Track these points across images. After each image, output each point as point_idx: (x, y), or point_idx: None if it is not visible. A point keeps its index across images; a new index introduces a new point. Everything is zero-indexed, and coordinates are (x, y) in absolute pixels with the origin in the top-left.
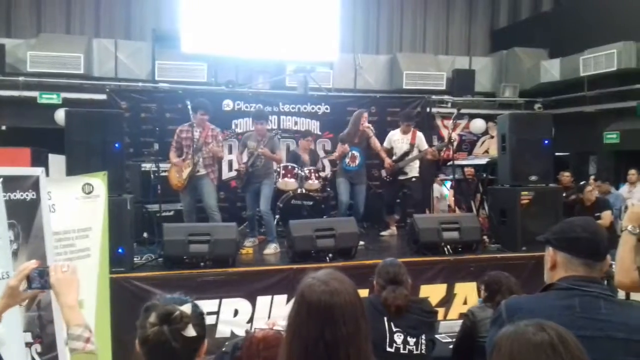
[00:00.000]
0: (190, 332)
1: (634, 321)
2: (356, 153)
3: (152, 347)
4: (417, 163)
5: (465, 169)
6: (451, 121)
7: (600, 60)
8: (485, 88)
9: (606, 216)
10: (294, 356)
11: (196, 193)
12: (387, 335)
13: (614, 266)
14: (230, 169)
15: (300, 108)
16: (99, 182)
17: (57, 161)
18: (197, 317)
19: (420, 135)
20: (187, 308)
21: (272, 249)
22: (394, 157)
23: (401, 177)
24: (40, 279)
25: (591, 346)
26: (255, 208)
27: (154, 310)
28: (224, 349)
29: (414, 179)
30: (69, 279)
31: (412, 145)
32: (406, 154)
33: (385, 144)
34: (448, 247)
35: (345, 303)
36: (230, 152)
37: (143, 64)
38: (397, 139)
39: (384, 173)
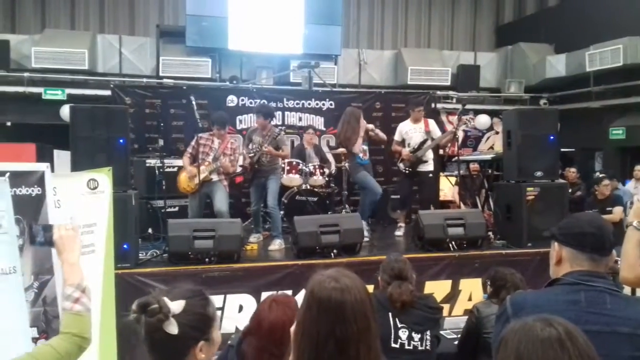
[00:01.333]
0: (171, 328)
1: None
2: (366, 147)
3: (142, 333)
4: (431, 155)
5: (471, 165)
6: (456, 117)
7: (606, 55)
8: (491, 83)
9: (617, 211)
10: (304, 353)
11: (205, 198)
12: (392, 331)
13: (619, 262)
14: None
15: (305, 104)
16: (104, 177)
17: (62, 157)
18: (194, 316)
19: (432, 122)
20: (177, 304)
21: (277, 245)
22: (410, 148)
23: (421, 169)
24: (45, 235)
25: (597, 341)
26: (260, 203)
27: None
28: (229, 342)
29: (430, 175)
30: (72, 237)
31: (427, 133)
32: (423, 142)
33: (396, 137)
34: (453, 243)
35: (355, 300)
36: None
37: (147, 60)
38: (410, 129)
39: (402, 166)
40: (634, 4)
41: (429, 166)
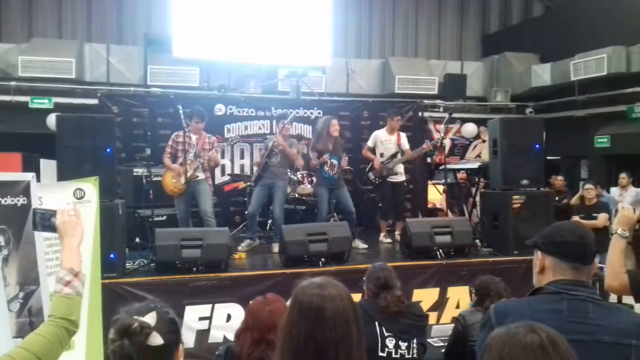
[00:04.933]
0: (156, 340)
1: (622, 324)
2: (334, 161)
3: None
4: (402, 167)
5: (459, 173)
6: (443, 125)
7: (591, 64)
8: (477, 92)
9: (602, 218)
10: (285, 355)
11: (192, 198)
12: (379, 340)
13: (603, 269)
14: (223, 173)
15: (293, 113)
16: (90, 187)
17: (48, 166)
18: (166, 323)
19: (404, 136)
20: (150, 317)
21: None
22: (382, 159)
23: (391, 180)
24: (48, 220)
25: (580, 350)
26: (259, 208)
27: (113, 325)
28: (217, 352)
29: (405, 183)
30: (74, 222)
31: (398, 147)
32: (394, 155)
33: (370, 142)
34: (440, 251)
35: (337, 308)
36: (222, 156)
37: (135, 69)
38: (385, 140)
39: (371, 175)
40: (618, 14)
41: (401, 177)
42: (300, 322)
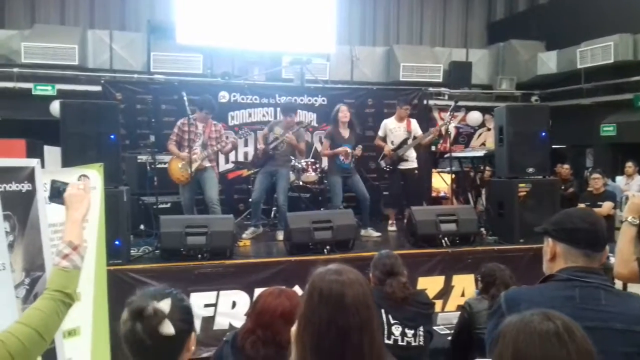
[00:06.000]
0: (167, 329)
1: (634, 312)
2: (349, 149)
3: (130, 344)
4: (414, 153)
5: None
6: (448, 113)
7: (597, 52)
8: (482, 80)
9: (606, 206)
10: (306, 343)
11: (197, 186)
12: (386, 327)
13: (611, 258)
14: (227, 161)
15: (297, 100)
16: (95, 173)
17: (52, 153)
18: (180, 311)
19: (414, 122)
20: (165, 303)
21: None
22: (392, 146)
23: (402, 167)
24: (59, 192)
25: (593, 337)
26: (263, 194)
27: (128, 305)
28: (225, 338)
29: (416, 171)
30: (81, 195)
31: (409, 133)
32: (404, 141)
33: (380, 132)
34: (446, 239)
35: (357, 294)
36: None
37: (138, 55)
38: (394, 127)
39: (383, 163)
40: (625, 2)
41: (412, 164)
42: (321, 309)
